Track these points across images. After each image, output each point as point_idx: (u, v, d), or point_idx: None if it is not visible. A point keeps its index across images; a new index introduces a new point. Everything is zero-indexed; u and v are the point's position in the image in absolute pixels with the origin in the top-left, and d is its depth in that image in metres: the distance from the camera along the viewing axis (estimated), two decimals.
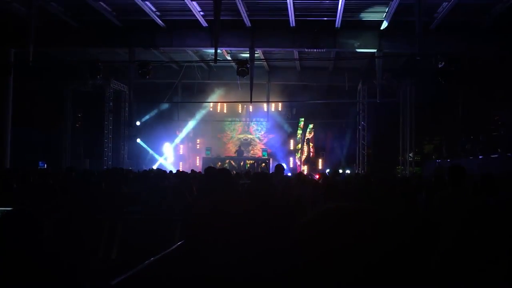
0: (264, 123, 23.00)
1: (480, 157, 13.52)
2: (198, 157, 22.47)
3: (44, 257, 2.08)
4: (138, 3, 13.38)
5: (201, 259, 2.97)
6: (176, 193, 6.46)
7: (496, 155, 12.71)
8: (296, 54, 18.18)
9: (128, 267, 3.39)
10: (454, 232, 3.37)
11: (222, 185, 3.60)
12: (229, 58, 18.15)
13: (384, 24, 14.61)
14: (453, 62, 12.71)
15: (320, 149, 22.56)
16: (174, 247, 4.20)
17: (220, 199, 3.46)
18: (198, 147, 23.27)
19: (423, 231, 3.44)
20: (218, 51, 14.04)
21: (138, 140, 21.75)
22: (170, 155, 22.85)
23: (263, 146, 22.80)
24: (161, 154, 22.79)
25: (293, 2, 13.10)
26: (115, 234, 4.74)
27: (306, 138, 22.71)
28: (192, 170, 12.56)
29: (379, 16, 14.32)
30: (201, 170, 15.11)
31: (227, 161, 20.92)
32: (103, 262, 4.54)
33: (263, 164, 20.59)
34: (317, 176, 13.86)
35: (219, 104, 22.75)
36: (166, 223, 4.65)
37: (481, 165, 12.39)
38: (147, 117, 22.34)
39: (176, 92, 21.73)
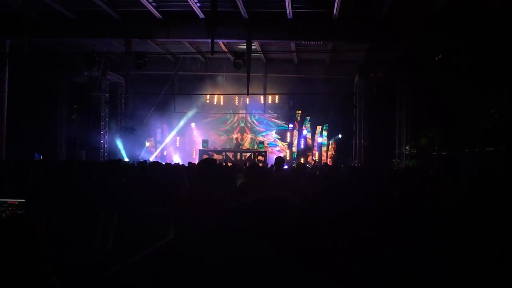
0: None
1: (476, 150, 13.57)
2: (194, 150, 22.44)
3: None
4: None
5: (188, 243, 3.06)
6: (171, 186, 6.47)
7: (491, 148, 12.76)
8: (293, 46, 18.13)
9: (123, 259, 3.40)
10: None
11: (207, 174, 3.70)
12: (226, 50, 18.08)
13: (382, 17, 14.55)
14: (449, 54, 12.70)
15: (316, 142, 22.59)
16: (168, 239, 4.21)
17: (203, 187, 3.55)
18: (194, 139, 23.22)
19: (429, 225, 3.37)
20: (215, 42, 13.97)
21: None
22: (166, 147, 22.82)
23: (260, 139, 22.78)
24: (157, 146, 22.81)
25: None
26: (111, 226, 4.74)
27: (302, 130, 22.77)
28: (189, 163, 12.59)
29: (376, 8, 14.25)
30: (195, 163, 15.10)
31: (224, 153, 20.90)
32: (98, 254, 4.55)
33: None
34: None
35: (215, 96, 22.66)
36: (161, 216, 4.64)
37: (477, 158, 12.43)
38: (143, 109, 22.13)
39: (173, 84, 21.65)
